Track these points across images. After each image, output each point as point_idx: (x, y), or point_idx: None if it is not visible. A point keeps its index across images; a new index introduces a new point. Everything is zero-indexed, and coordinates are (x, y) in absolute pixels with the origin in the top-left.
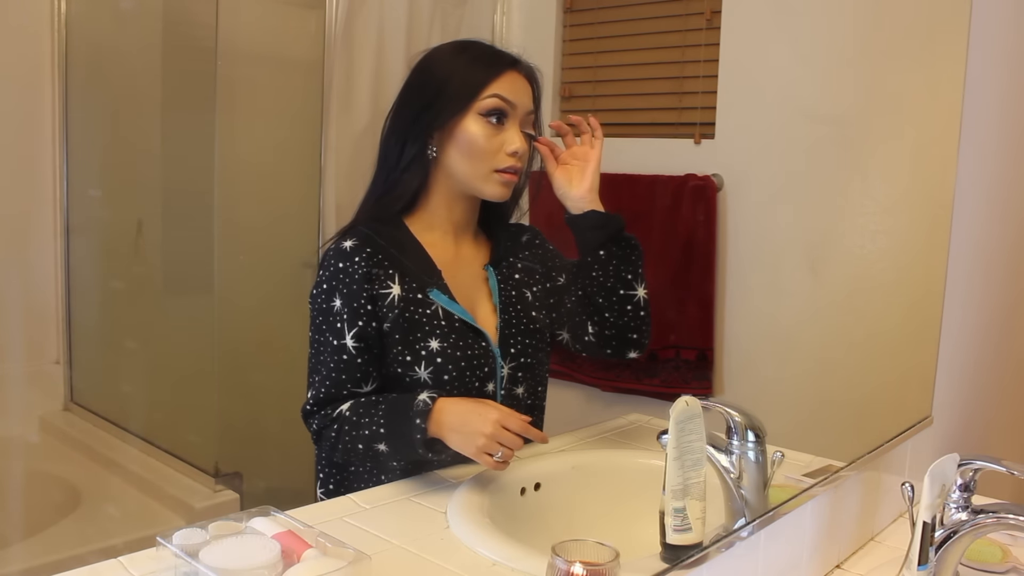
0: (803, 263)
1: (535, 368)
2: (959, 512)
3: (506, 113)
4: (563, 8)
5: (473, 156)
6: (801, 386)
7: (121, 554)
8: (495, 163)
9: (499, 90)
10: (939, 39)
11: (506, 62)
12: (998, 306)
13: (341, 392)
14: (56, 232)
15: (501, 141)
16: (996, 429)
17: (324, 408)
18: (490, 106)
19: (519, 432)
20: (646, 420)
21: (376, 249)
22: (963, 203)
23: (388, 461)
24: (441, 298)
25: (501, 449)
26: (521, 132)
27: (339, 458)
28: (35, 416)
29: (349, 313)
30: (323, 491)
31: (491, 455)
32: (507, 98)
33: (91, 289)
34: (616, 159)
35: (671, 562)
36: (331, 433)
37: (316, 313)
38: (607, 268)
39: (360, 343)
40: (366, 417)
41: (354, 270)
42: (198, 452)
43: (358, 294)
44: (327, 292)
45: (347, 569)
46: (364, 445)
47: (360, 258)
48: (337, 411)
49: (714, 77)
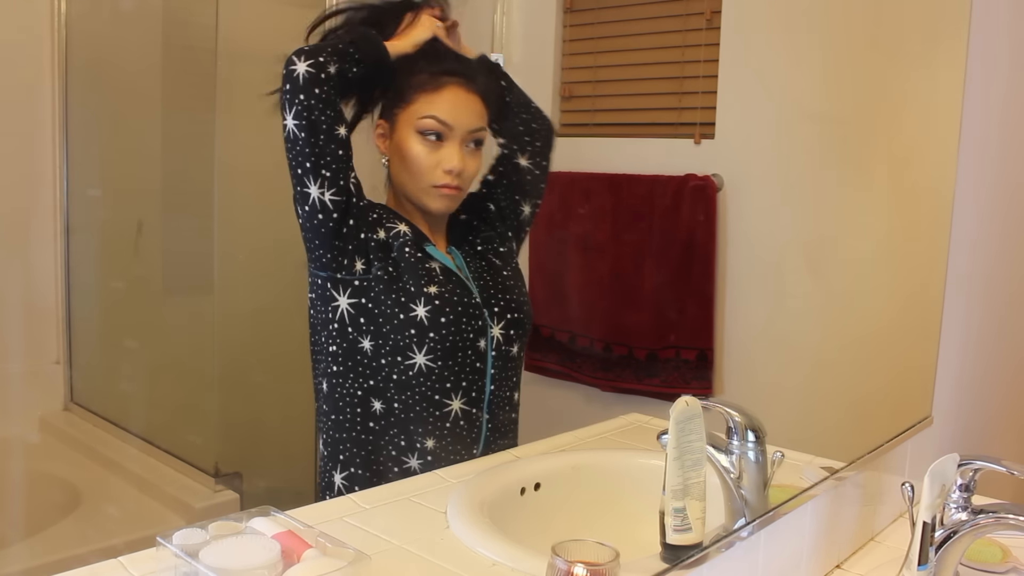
0: (803, 263)
1: (524, 323)
2: (959, 512)
3: (443, 133)
4: (563, 8)
5: (411, 171)
6: (801, 386)
7: (121, 554)
8: (432, 179)
9: (436, 111)
10: (939, 39)
11: (450, 75)
12: (998, 306)
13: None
14: (56, 232)
15: (438, 159)
16: (996, 429)
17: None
18: (426, 127)
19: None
20: (646, 420)
21: (378, 204)
22: (963, 203)
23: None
24: (438, 254)
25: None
26: (462, 149)
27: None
28: (35, 416)
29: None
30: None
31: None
32: (444, 120)
33: (91, 289)
34: (616, 159)
35: (671, 562)
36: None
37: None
38: (513, 97)
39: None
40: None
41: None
42: (198, 452)
43: (370, 203)
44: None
45: (347, 569)
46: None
47: (368, 200)
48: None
49: (714, 77)
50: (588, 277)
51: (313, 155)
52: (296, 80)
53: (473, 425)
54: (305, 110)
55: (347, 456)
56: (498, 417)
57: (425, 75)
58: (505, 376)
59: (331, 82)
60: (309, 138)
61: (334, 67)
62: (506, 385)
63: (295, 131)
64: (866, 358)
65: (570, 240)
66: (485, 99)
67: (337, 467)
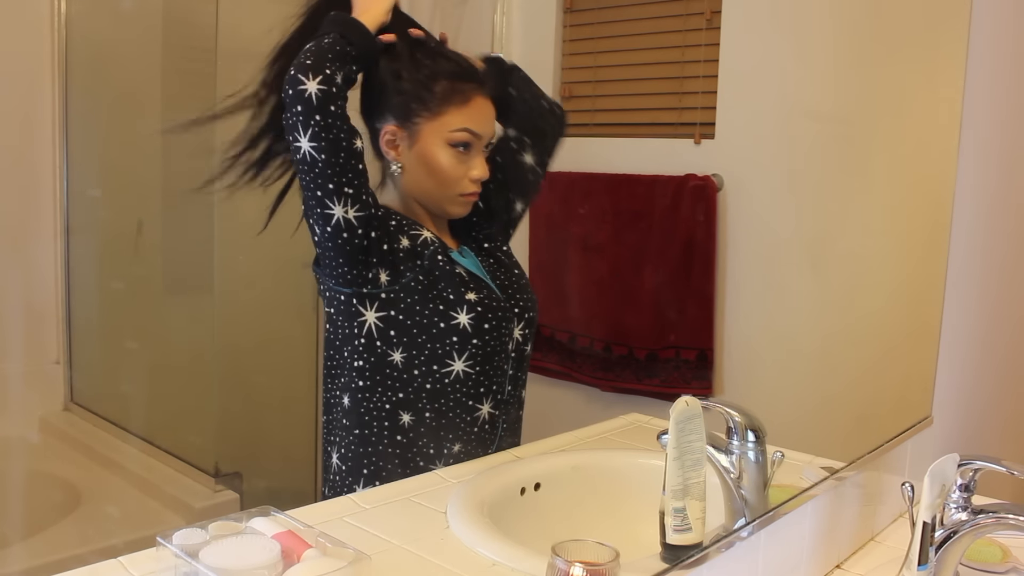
0: (803, 263)
1: (535, 322)
2: (959, 512)
3: (472, 144)
4: (563, 8)
5: (440, 182)
6: (801, 386)
7: (121, 554)
8: (460, 188)
9: (470, 124)
10: (939, 39)
11: (470, 83)
12: (998, 306)
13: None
14: (56, 232)
15: (467, 168)
16: (996, 429)
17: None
18: (459, 139)
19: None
20: (646, 420)
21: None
22: (963, 202)
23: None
24: (463, 261)
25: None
26: (484, 156)
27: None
28: (35, 416)
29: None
30: (338, 455)
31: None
32: (476, 132)
33: (91, 289)
34: (616, 159)
35: (671, 562)
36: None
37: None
38: (522, 94)
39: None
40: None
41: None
42: (198, 452)
43: (388, 211)
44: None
45: (347, 569)
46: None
47: (383, 207)
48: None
49: (714, 77)
50: (588, 277)
51: (336, 175)
52: (309, 101)
53: (494, 427)
54: (323, 130)
55: (372, 469)
56: (510, 416)
57: (446, 83)
58: (520, 376)
59: (342, 94)
60: (330, 158)
61: (340, 76)
62: (519, 384)
63: (313, 154)
64: (866, 358)
65: (570, 240)
66: (496, 104)
67: (360, 480)
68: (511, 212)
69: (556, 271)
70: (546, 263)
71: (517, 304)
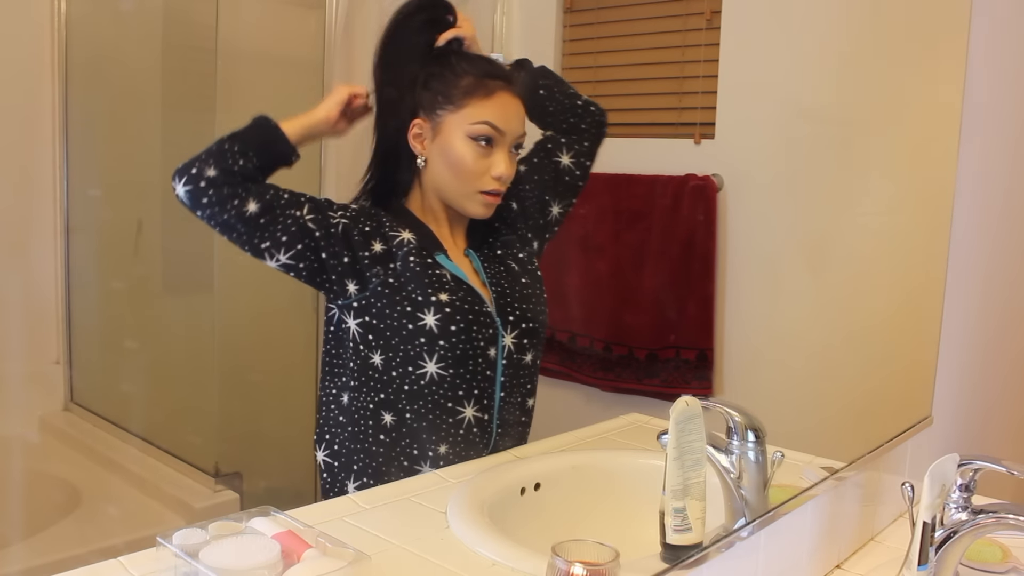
0: (803, 263)
1: (539, 333)
2: (959, 512)
3: (494, 139)
4: (563, 8)
5: (459, 176)
6: (801, 386)
7: (121, 554)
8: (480, 185)
9: (490, 117)
10: (939, 39)
11: (496, 79)
12: (998, 306)
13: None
14: (56, 232)
15: (488, 164)
16: (996, 429)
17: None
18: (479, 132)
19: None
20: (646, 420)
21: (381, 213)
22: (963, 202)
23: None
24: (448, 263)
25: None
26: (509, 155)
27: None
28: (35, 416)
29: (332, 211)
30: (327, 453)
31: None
32: (497, 126)
33: (91, 289)
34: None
35: (671, 562)
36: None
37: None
38: (552, 93)
39: (313, 226)
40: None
41: (360, 208)
42: (198, 452)
43: (357, 218)
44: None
45: (347, 569)
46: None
47: (367, 206)
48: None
49: (714, 77)
50: (588, 277)
51: (245, 243)
52: (183, 201)
53: (484, 431)
54: (209, 219)
55: (361, 466)
56: (508, 423)
57: (471, 79)
58: (517, 383)
59: (216, 184)
60: (231, 235)
61: (213, 170)
62: (517, 392)
63: (218, 231)
64: (866, 358)
65: (570, 240)
66: (526, 105)
67: (351, 476)
68: (546, 214)
69: (556, 271)
70: (546, 263)
71: (513, 312)
